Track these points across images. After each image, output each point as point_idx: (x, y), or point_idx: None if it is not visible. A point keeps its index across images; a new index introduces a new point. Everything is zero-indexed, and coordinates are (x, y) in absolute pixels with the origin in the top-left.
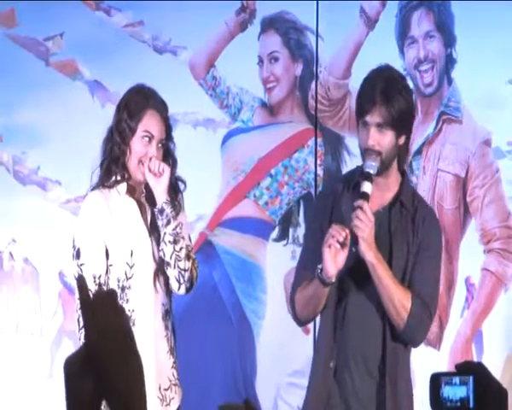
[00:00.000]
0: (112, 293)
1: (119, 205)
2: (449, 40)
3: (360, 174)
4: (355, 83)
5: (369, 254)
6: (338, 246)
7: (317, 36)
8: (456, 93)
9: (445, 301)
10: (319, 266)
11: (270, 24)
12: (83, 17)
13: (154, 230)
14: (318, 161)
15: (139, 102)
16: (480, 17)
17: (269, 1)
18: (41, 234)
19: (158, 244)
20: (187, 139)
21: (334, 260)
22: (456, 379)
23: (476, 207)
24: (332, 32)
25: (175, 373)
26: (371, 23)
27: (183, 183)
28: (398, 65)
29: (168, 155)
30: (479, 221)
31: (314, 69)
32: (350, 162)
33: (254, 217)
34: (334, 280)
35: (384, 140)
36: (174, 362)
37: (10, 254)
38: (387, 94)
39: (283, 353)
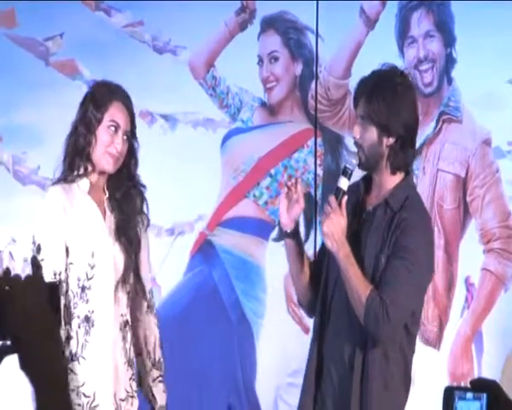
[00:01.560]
0: (31, 276)
1: (81, 203)
2: (449, 40)
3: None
4: (355, 83)
5: (331, 247)
6: (285, 191)
7: (317, 36)
8: (456, 93)
9: (445, 300)
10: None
11: (269, 24)
12: (83, 17)
13: (118, 238)
14: (318, 161)
15: (105, 93)
16: (480, 17)
17: (268, 1)
18: None
19: (122, 252)
20: (187, 139)
21: (285, 209)
22: (470, 395)
23: (476, 206)
24: (332, 32)
25: (133, 385)
26: (371, 23)
27: (143, 187)
28: (397, 64)
29: (131, 153)
30: (479, 221)
31: (314, 69)
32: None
33: (254, 217)
34: (289, 230)
35: (365, 134)
36: (133, 374)
37: (10, 254)
38: (371, 89)
39: (283, 352)
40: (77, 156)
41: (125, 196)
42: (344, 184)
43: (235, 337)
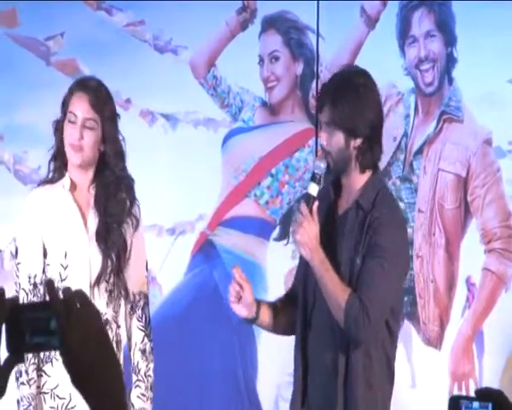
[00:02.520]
0: (82, 294)
1: (61, 201)
2: (450, 39)
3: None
4: None
5: (305, 254)
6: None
7: (318, 35)
8: (457, 92)
9: (446, 300)
10: None
11: (270, 23)
12: (84, 17)
13: (97, 239)
14: None
15: (68, 91)
16: (481, 17)
17: (269, 0)
18: None
19: (100, 254)
20: (188, 139)
21: (238, 303)
22: (477, 404)
23: (477, 206)
24: (333, 32)
25: None
26: (372, 22)
27: (131, 180)
28: (398, 64)
29: (107, 140)
30: (479, 221)
31: (315, 69)
32: None
33: (255, 216)
34: (251, 317)
35: (332, 140)
36: None
37: (11, 253)
38: (334, 94)
39: (284, 352)
40: (52, 161)
41: (111, 197)
42: (314, 190)
43: (235, 337)
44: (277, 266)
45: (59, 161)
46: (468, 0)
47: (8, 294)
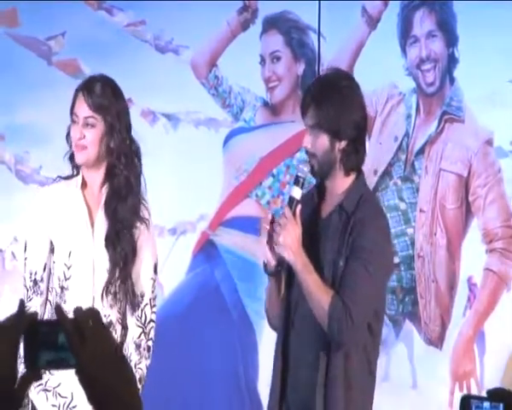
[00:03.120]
0: (96, 312)
1: (71, 199)
2: (451, 39)
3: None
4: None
5: (288, 257)
6: (266, 227)
7: (319, 35)
8: (459, 92)
9: (447, 300)
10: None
11: (272, 23)
12: (85, 16)
13: (106, 242)
14: None
15: (74, 91)
16: (482, 17)
17: (271, 0)
18: None
19: (108, 258)
20: (189, 138)
21: (270, 249)
22: (487, 404)
23: (478, 206)
24: (334, 32)
25: None
26: (373, 22)
27: (139, 183)
28: (400, 64)
29: (111, 134)
30: (481, 221)
31: (316, 68)
32: None
33: (256, 216)
34: (273, 267)
35: (317, 143)
36: None
37: (12, 253)
38: (318, 97)
39: None
40: (70, 159)
41: (122, 201)
42: (297, 193)
43: (236, 336)
44: None
45: (73, 163)
46: (469, 0)
47: (9, 294)
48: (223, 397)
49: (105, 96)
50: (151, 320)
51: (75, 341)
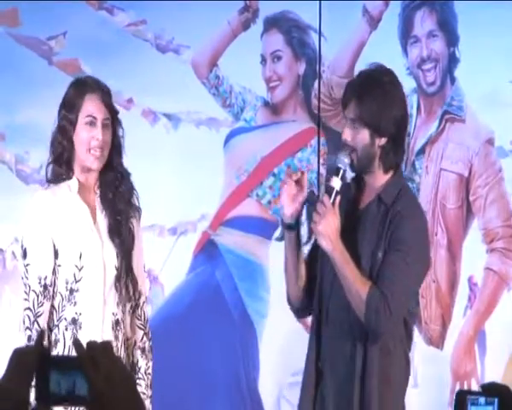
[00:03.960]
0: (109, 343)
1: (70, 203)
2: (452, 39)
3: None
4: None
5: (326, 246)
6: (292, 185)
7: (320, 35)
8: (459, 92)
9: (448, 300)
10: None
11: (272, 23)
12: (86, 16)
13: (111, 237)
14: (321, 160)
15: (75, 93)
16: (483, 16)
17: (272, 0)
18: None
19: (115, 253)
20: (190, 138)
21: (288, 199)
22: (482, 399)
23: (479, 206)
24: (335, 31)
25: None
26: (374, 22)
27: (128, 174)
28: (400, 64)
29: (114, 141)
30: (481, 220)
31: (317, 68)
32: None
33: (257, 216)
34: (291, 221)
35: (357, 137)
36: None
37: (13, 253)
38: (361, 92)
39: (286, 352)
40: (56, 164)
41: (116, 194)
42: (336, 183)
43: (237, 337)
44: (279, 266)
45: (65, 164)
46: (470, 0)
47: (10, 294)
48: (223, 397)
49: (110, 96)
50: (148, 319)
51: (90, 369)
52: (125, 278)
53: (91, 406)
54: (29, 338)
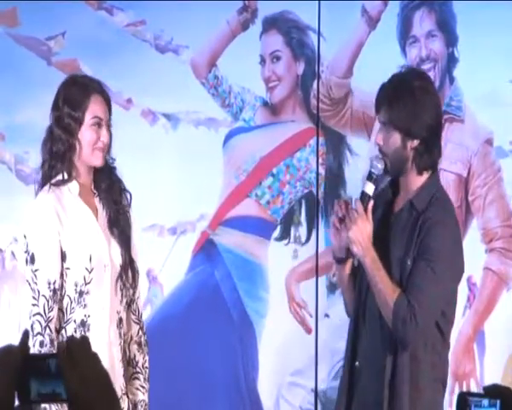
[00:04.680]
0: (87, 339)
1: (73, 205)
2: (451, 39)
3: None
4: (357, 82)
5: (357, 252)
6: (337, 224)
7: (319, 35)
8: (458, 92)
9: None
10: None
11: (271, 23)
12: (85, 16)
13: (112, 232)
14: (320, 160)
15: (79, 91)
16: (482, 16)
17: (271, 0)
18: None
19: (119, 247)
20: (189, 138)
21: (336, 238)
22: (485, 401)
23: (478, 206)
24: (334, 32)
25: (124, 383)
26: (373, 22)
27: (113, 160)
28: (399, 64)
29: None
30: (480, 220)
31: (316, 68)
32: (352, 161)
33: (256, 216)
34: (343, 256)
35: (389, 140)
36: (124, 370)
37: (12, 253)
38: (391, 96)
39: (285, 352)
40: (57, 162)
41: (110, 186)
42: (369, 189)
43: (236, 337)
44: (278, 266)
45: (65, 167)
46: (469, 0)
47: (9, 294)
48: (222, 397)
49: (109, 96)
50: (142, 313)
51: (67, 367)
52: (128, 271)
53: (69, 404)
54: (41, 344)
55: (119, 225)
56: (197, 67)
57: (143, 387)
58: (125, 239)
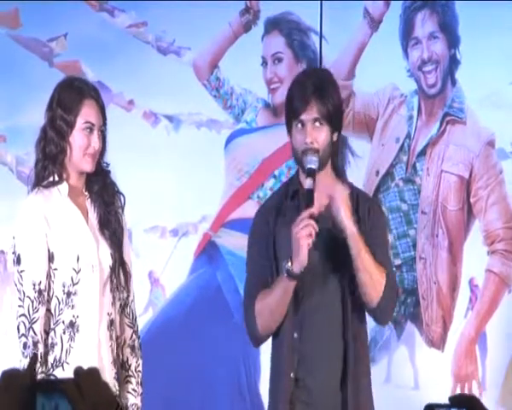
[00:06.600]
0: (95, 370)
1: (62, 207)
2: (453, 41)
3: (306, 171)
4: (359, 84)
5: (353, 227)
6: (313, 235)
7: (321, 37)
8: (460, 94)
9: (449, 302)
10: (286, 262)
11: (273, 25)
12: (86, 18)
13: (102, 233)
14: None
15: (73, 95)
16: (484, 18)
17: (272, 2)
18: None
19: (109, 248)
20: (191, 140)
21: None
22: None
23: (480, 208)
24: (336, 33)
25: (116, 385)
26: (375, 24)
27: (107, 165)
28: (401, 66)
29: (103, 144)
30: (482, 222)
31: None
32: (353, 163)
33: None
34: (301, 271)
35: (320, 136)
36: (116, 373)
37: (13, 260)
38: (321, 90)
39: None
40: (49, 163)
41: (102, 188)
42: (310, 185)
43: (238, 339)
44: None
45: (56, 169)
46: (471, 1)
47: (11, 296)
48: (224, 400)
49: (102, 100)
50: (136, 317)
51: (76, 398)
52: (119, 273)
53: None
54: (25, 345)
55: (110, 227)
56: (199, 68)
57: (135, 390)
58: (115, 241)
